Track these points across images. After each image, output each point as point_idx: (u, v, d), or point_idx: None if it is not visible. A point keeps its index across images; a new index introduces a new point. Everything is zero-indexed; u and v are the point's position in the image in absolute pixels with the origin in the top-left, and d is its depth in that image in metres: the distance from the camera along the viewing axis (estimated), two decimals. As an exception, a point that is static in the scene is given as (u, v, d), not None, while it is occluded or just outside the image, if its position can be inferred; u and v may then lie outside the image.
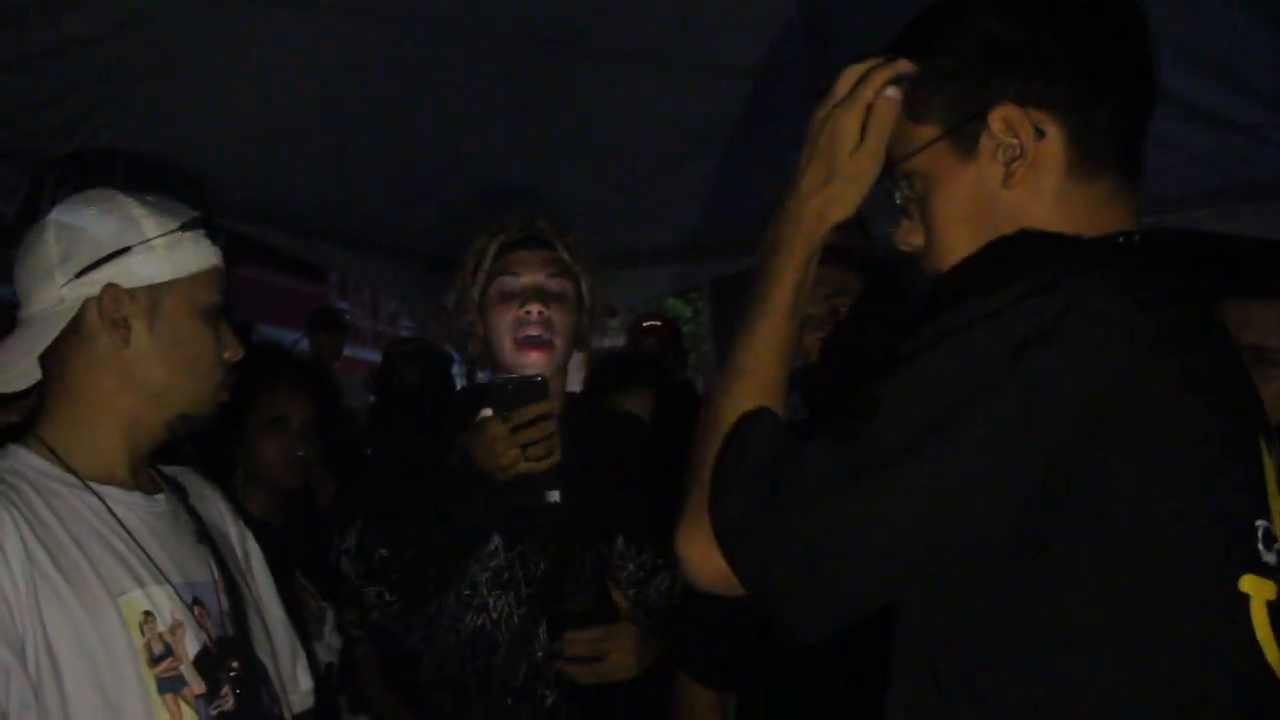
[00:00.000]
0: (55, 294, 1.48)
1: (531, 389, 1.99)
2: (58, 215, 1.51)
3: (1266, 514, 1.10)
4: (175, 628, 1.47)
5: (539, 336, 2.11)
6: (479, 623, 2.08)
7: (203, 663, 1.48)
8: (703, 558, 1.13)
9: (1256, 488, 1.11)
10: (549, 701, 2.07)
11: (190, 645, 1.48)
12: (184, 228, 1.52)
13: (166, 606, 1.47)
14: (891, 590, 1.11)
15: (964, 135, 1.17)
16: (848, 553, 1.05)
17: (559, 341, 2.14)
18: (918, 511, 1.03)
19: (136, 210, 1.51)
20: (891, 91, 1.20)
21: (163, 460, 1.65)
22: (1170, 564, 1.03)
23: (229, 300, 1.61)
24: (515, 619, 2.07)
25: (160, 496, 1.58)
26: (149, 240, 1.49)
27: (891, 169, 1.23)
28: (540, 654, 2.08)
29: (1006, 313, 1.03)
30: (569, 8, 3.27)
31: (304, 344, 6.53)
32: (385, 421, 3.68)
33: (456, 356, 4.61)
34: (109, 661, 1.39)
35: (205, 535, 1.61)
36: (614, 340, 4.58)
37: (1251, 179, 3.57)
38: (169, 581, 1.49)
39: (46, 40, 2.95)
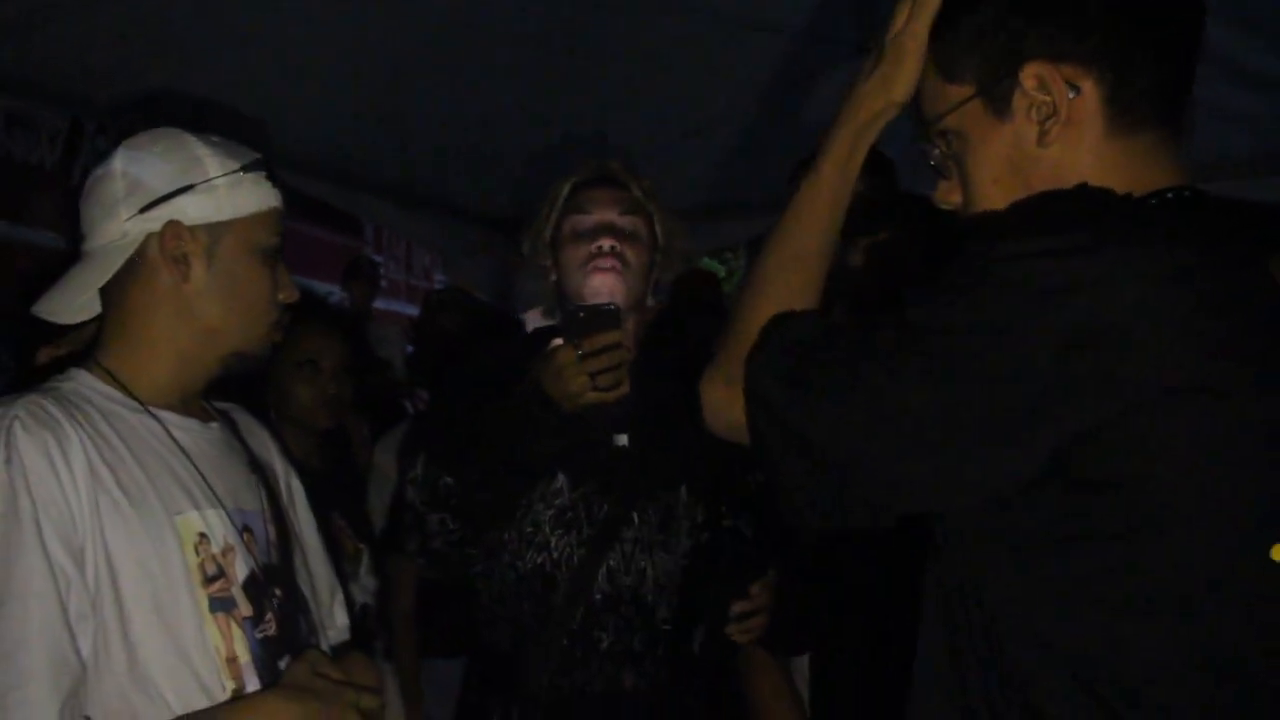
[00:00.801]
0: (119, 228, 1.52)
1: (604, 317, 1.96)
2: (125, 151, 1.55)
3: None
4: (227, 551, 1.51)
5: (611, 267, 2.09)
6: (539, 560, 2.08)
7: (250, 587, 1.53)
8: (724, 405, 1.20)
9: None
10: (604, 645, 2.07)
11: (240, 569, 1.52)
12: (245, 169, 1.55)
13: (220, 529, 1.51)
14: (893, 507, 1.13)
15: (997, 94, 1.16)
16: (851, 459, 1.08)
17: (630, 277, 2.11)
18: (933, 435, 1.04)
19: (200, 150, 1.54)
20: None
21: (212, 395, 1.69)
22: (1199, 528, 1.03)
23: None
24: (576, 559, 2.07)
25: (215, 425, 1.63)
26: (211, 179, 1.53)
27: (926, 128, 1.23)
28: (598, 597, 2.08)
29: (1044, 259, 1.02)
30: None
31: (337, 297, 6.58)
32: (424, 370, 3.71)
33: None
34: (165, 578, 1.43)
35: (256, 465, 1.65)
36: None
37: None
38: (222, 506, 1.53)
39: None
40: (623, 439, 2.13)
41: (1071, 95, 1.13)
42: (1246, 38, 3.09)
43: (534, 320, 4.26)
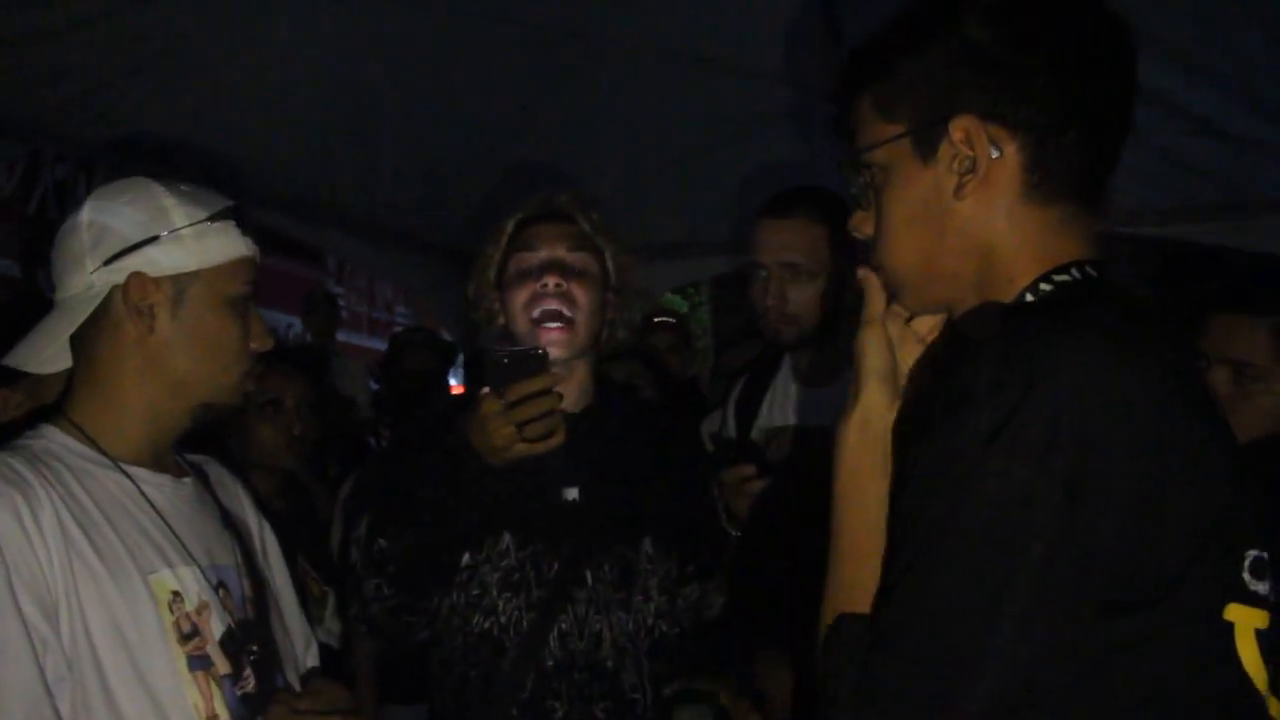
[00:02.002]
0: (85, 280, 1.52)
1: (530, 362, 1.82)
2: (92, 202, 1.55)
3: (1257, 543, 1.10)
4: (201, 608, 1.50)
5: (557, 311, 1.97)
6: (486, 625, 1.95)
7: (227, 644, 1.52)
8: None
9: (1244, 517, 1.10)
10: (558, 715, 1.92)
11: (216, 626, 1.51)
12: (212, 218, 1.54)
13: (194, 587, 1.50)
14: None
15: (925, 138, 1.16)
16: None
17: (580, 318, 1.98)
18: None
19: (167, 200, 1.53)
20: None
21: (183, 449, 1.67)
22: (1161, 595, 1.04)
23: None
24: (524, 624, 1.94)
25: (187, 480, 1.61)
26: (177, 230, 1.52)
27: (855, 157, 1.23)
28: (550, 663, 1.93)
29: (1011, 429, 1.01)
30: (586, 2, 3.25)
31: (298, 328, 6.52)
32: (389, 409, 3.67)
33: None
34: (141, 637, 1.42)
35: (229, 521, 1.63)
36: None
37: (1258, 194, 3.58)
38: (196, 563, 1.52)
39: (49, 17, 2.93)
40: (572, 493, 1.99)
41: (994, 155, 1.14)
42: (1208, 91, 3.15)
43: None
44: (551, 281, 1.97)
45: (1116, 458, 1.00)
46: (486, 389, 1.83)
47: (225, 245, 1.55)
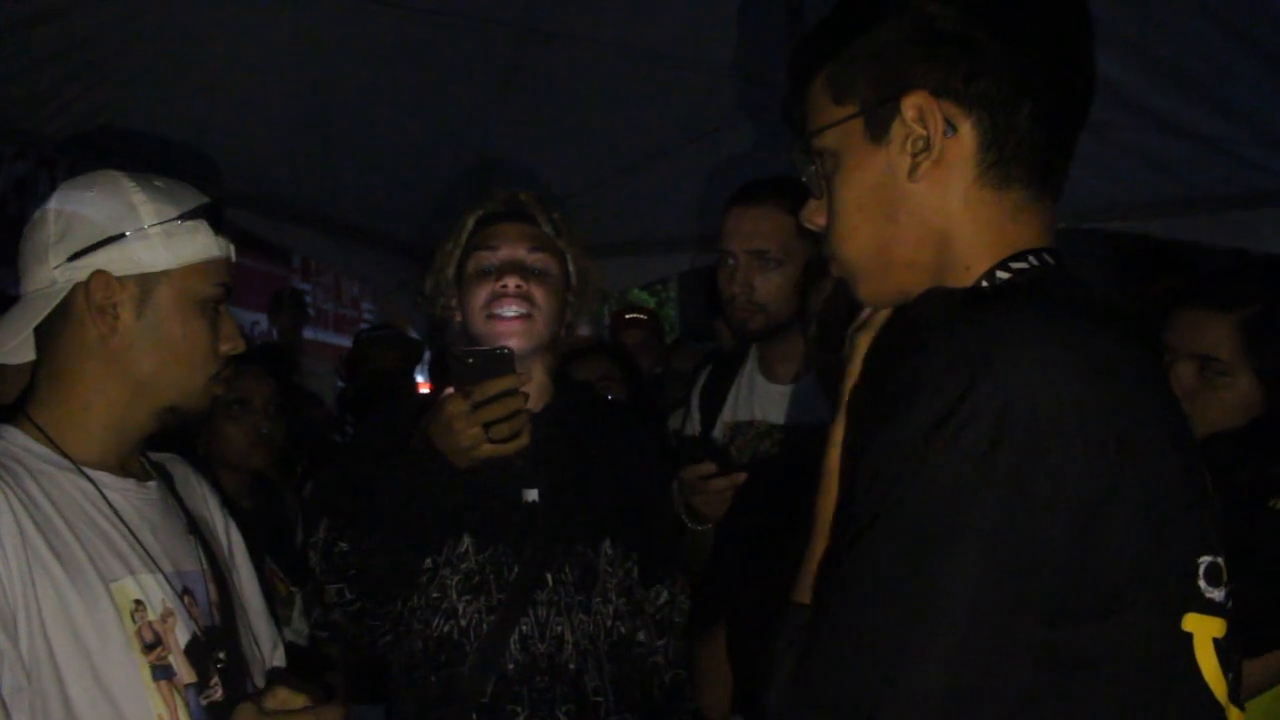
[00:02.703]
0: (48, 275, 1.46)
1: (496, 361, 1.79)
2: (60, 194, 1.49)
3: (1212, 548, 1.06)
4: (166, 616, 1.45)
5: (516, 311, 1.94)
6: (446, 629, 1.91)
7: (192, 652, 1.46)
8: None
9: (1198, 522, 1.05)
10: (520, 719, 1.89)
11: (181, 634, 1.46)
12: (183, 217, 1.48)
13: (157, 595, 1.45)
14: None
15: (877, 118, 1.12)
16: None
17: (539, 317, 1.96)
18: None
19: (137, 196, 1.47)
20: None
21: (150, 447, 1.63)
22: (1114, 606, 0.99)
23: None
24: (485, 627, 1.91)
25: (152, 484, 1.56)
26: (144, 228, 1.46)
27: (805, 144, 1.18)
28: (511, 666, 1.90)
29: (955, 421, 0.96)
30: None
31: (264, 325, 6.47)
32: (355, 407, 3.65)
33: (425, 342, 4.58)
34: (103, 647, 1.37)
35: (194, 525, 1.59)
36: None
37: (1214, 191, 3.63)
38: (160, 570, 1.47)
39: (7, 12, 2.89)
40: (532, 494, 1.96)
41: (948, 134, 1.10)
42: (1168, 88, 3.19)
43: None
44: (511, 283, 1.94)
45: (1067, 457, 0.94)
46: (450, 389, 1.80)
47: (195, 245, 1.49)
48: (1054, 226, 1.15)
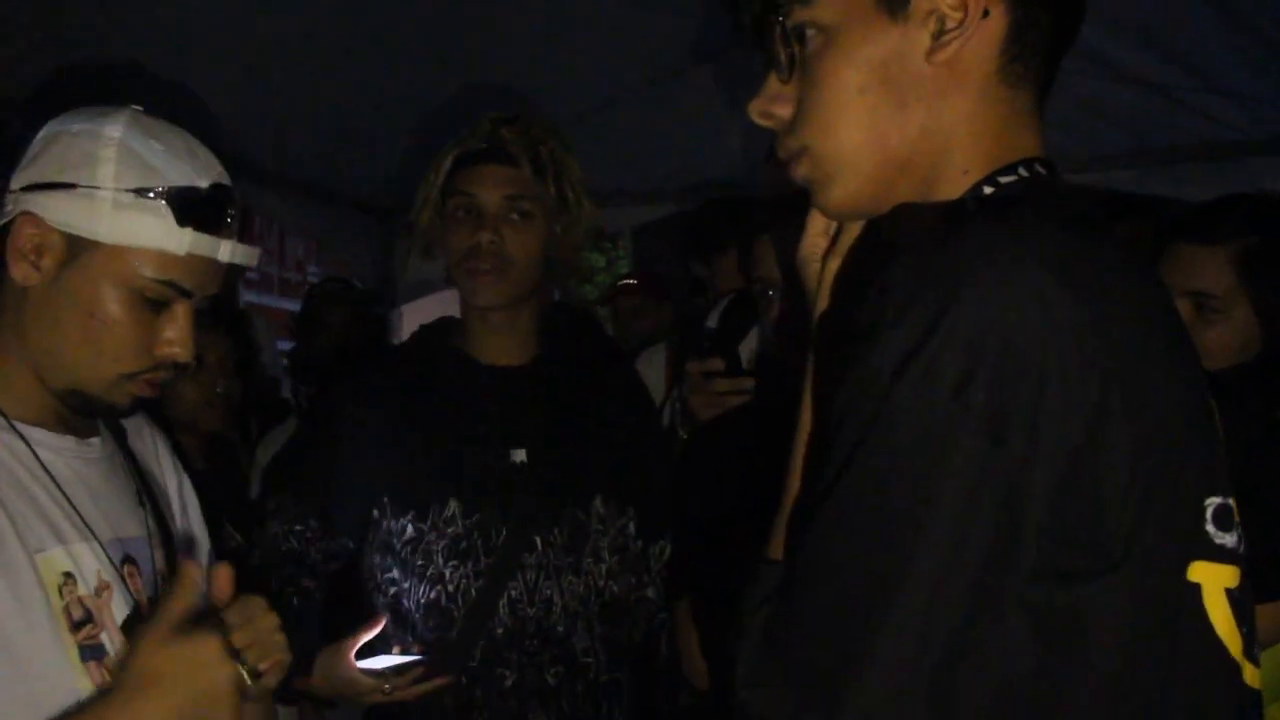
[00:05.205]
0: (11, 197, 1.34)
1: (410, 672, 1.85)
2: (64, 117, 1.36)
3: (1220, 489, 0.95)
4: (100, 590, 1.32)
5: (488, 269, 1.91)
6: (433, 595, 1.89)
7: (130, 628, 1.32)
8: None
9: (1204, 461, 0.95)
10: (508, 683, 1.89)
11: (118, 609, 1.33)
12: (139, 192, 1.31)
13: (91, 566, 1.32)
14: None
15: None
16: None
17: (512, 271, 1.92)
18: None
19: (108, 150, 1.31)
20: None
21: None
22: (1116, 559, 0.88)
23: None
24: (473, 593, 1.88)
25: (95, 440, 1.42)
26: (96, 187, 1.30)
27: (782, 15, 1.03)
28: (499, 631, 1.89)
29: (923, 356, 0.86)
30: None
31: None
32: (308, 366, 3.55)
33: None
34: (25, 625, 1.24)
35: (145, 486, 1.47)
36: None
37: (1170, 142, 3.65)
38: (96, 538, 1.34)
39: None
40: (520, 454, 1.94)
41: (981, 16, 0.97)
42: (1123, 38, 3.19)
43: (414, 317, 4.14)
44: (485, 238, 1.90)
45: (1049, 394, 0.84)
46: (369, 664, 1.85)
47: (142, 228, 1.31)
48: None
